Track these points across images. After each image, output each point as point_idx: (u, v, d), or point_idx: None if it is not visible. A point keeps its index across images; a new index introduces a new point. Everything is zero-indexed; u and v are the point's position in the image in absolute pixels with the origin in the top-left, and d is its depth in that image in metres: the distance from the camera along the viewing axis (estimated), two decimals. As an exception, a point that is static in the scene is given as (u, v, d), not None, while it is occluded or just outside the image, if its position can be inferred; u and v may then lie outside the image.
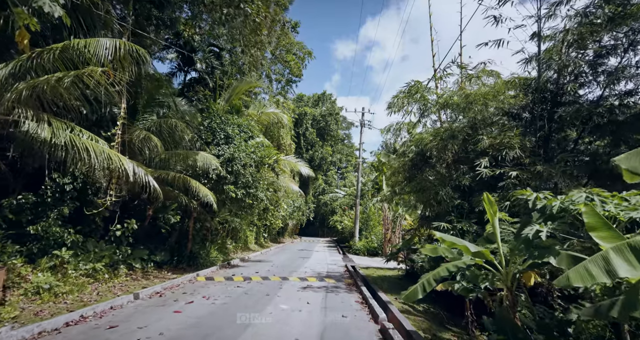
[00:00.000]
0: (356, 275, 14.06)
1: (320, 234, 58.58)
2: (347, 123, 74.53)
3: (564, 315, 5.32)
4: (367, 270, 15.82)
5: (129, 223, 10.60)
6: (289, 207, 35.11)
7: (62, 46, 6.87)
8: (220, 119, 13.23)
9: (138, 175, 9.06)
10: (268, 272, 13.66)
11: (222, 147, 12.78)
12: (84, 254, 9.29)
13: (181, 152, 11.63)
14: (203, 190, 11.21)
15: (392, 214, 25.47)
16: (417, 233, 14.03)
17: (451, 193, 9.51)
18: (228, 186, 12.65)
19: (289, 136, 24.62)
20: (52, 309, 6.64)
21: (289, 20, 24.62)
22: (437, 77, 11.01)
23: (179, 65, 23.87)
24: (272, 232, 36.76)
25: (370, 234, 27.02)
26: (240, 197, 13.24)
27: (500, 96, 9.10)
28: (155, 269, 12.21)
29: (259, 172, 14.40)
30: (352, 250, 26.26)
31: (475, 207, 9.00)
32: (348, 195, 44.13)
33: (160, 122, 11.04)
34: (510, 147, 8.56)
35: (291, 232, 47.59)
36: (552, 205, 4.82)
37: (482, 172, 8.61)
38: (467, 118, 9.95)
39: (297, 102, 50.30)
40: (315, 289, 10.52)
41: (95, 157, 7.96)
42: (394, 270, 15.74)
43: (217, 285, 10.46)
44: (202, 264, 14.52)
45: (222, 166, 12.60)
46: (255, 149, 13.68)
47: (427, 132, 10.80)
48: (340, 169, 71.23)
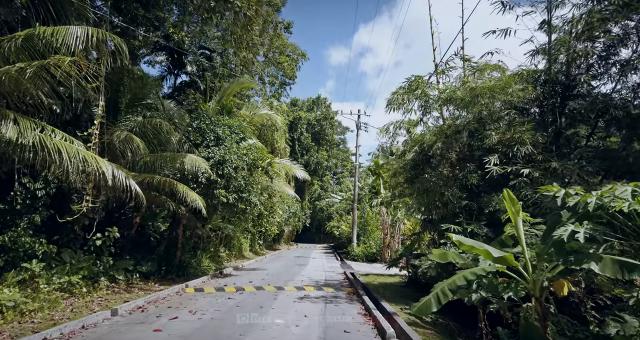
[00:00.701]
0: (356, 283, 13.31)
1: (317, 240, 57.73)
2: (343, 128, 74.10)
3: (600, 329, 4.62)
4: (367, 277, 15.07)
5: (110, 231, 9.83)
6: (284, 213, 34.28)
7: (26, 34, 6.15)
8: (210, 119, 12.51)
9: (118, 178, 8.30)
10: (262, 281, 12.88)
11: (212, 149, 12.05)
12: (58, 266, 8.49)
13: (168, 155, 10.89)
14: (191, 195, 10.45)
15: (391, 218, 24.76)
16: (419, 238, 13.34)
17: (458, 193, 8.83)
18: (219, 191, 11.90)
19: (283, 139, 23.91)
20: (14, 330, 5.84)
21: (281, 20, 24.04)
22: (438, 72, 10.38)
23: (168, 68, 23.16)
24: (268, 239, 35.88)
25: (368, 240, 26.27)
26: (232, 202, 12.49)
27: (509, 89, 8.46)
28: (141, 280, 11.40)
29: (252, 176, 13.67)
30: (350, 256, 25.48)
31: (484, 208, 8.32)
32: (345, 200, 43.47)
33: (145, 122, 10.31)
34: (522, 143, 7.90)
35: (287, 239, 46.70)
36: (586, 201, 4.14)
37: (492, 169, 7.95)
38: (472, 113, 9.31)
39: (291, 106, 49.69)
40: (313, 299, 9.76)
41: (68, 159, 7.20)
42: (396, 276, 15.01)
43: (207, 297, 9.67)
44: (193, 273, 13.71)
45: (212, 169, 11.86)
46: (248, 151, 12.96)
47: (430, 131, 10.14)
48: (336, 174, 70.56)
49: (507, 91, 8.46)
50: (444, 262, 7.23)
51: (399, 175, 11.83)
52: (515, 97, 8.38)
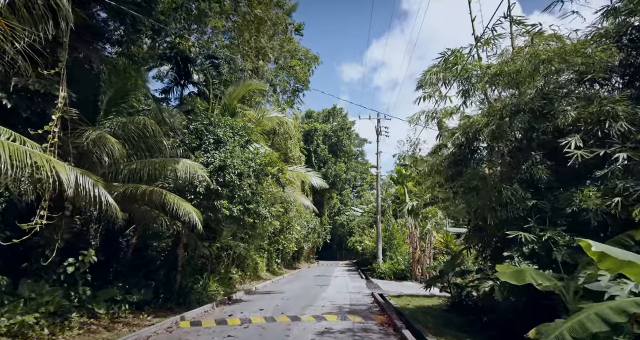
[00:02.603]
0: (388, 307, 11.13)
1: (338, 257, 55.28)
2: (360, 140, 72.00)
3: None
4: (400, 299, 12.84)
5: (85, 255, 8.01)
6: (302, 229, 32.22)
7: None
8: (209, 119, 10.77)
9: (83, 187, 6.53)
10: (276, 309, 10.82)
11: (212, 153, 10.25)
12: (11, 302, 6.68)
13: (157, 161, 9.12)
14: (184, 207, 8.61)
15: (420, 230, 22.43)
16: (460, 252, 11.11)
17: (520, 191, 6.70)
18: (220, 201, 10.04)
19: (297, 148, 22.03)
20: None
21: (291, 21, 22.60)
22: (483, 42, 8.32)
23: (175, 80, 21.83)
24: (286, 257, 33.76)
25: (395, 255, 23.90)
26: (238, 214, 10.60)
27: (585, 49, 6.39)
28: (132, 312, 9.54)
29: (260, 184, 11.79)
30: (376, 273, 23.11)
31: (561, 209, 6.18)
32: (366, 212, 41.21)
33: (126, 121, 8.58)
34: (614, 118, 5.79)
35: (307, 256, 44.45)
36: None
37: (573, 154, 5.84)
38: (532, 89, 7.24)
39: (306, 118, 48.14)
40: (337, 334, 7.64)
41: (8, 162, 5.47)
42: (433, 298, 12.73)
43: (202, 334, 7.66)
44: (197, 300, 11.78)
45: (212, 177, 10.04)
46: (254, 155, 11.12)
47: (476, 116, 8.08)
48: (355, 187, 68.18)
49: (583, 53, 6.39)
50: (518, 282, 5.14)
51: (435, 174, 9.76)
52: (596, 59, 6.29)
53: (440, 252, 22.44)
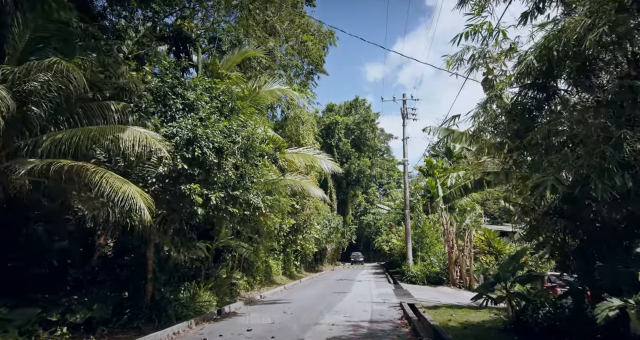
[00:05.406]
0: (422, 325, 8.21)
1: (365, 259, 52.26)
2: (386, 135, 68.46)
3: None
4: (438, 312, 9.85)
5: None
6: (323, 228, 29.37)
7: None
8: (178, 79, 8.19)
9: None
10: (270, 328, 8.09)
11: (178, 122, 7.63)
12: None
13: (93, 128, 6.59)
14: (124, 190, 6.01)
15: (456, 226, 19.22)
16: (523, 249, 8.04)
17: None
18: (189, 185, 7.42)
19: (311, 134, 19.14)
20: None
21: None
22: None
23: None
24: (307, 259, 31.00)
25: (427, 255, 20.71)
26: (217, 203, 7.95)
27: None
28: (75, 337, 7.09)
29: (253, 167, 9.10)
30: (405, 277, 19.99)
31: None
32: (393, 209, 38.06)
33: (39, 64, 6.00)
34: None
35: (331, 258, 41.57)
36: None
37: None
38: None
39: (327, 112, 45.37)
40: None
41: None
42: (483, 311, 9.68)
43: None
44: (179, 315, 9.27)
45: (178, 152, 7.43)
46: (240, 127, 8.47)
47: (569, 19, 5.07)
48: (382, 185, 64.69)
49: None
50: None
51: (484, 140, 6.81)
52: None
53: (481, 251, 19.16)
